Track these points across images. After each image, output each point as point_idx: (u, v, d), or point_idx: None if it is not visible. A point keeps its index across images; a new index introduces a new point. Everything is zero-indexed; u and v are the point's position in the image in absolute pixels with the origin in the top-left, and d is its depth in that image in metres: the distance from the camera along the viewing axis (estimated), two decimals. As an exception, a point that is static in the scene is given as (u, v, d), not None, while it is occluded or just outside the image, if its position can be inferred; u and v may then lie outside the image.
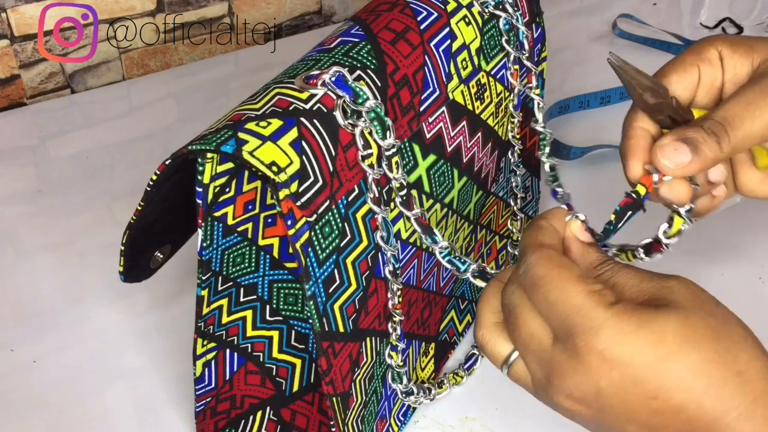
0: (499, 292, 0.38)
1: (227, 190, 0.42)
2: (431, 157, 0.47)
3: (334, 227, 0.40)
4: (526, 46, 0.53)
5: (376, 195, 0.41)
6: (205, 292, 0.44)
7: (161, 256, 0.47)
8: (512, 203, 0.60)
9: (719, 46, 0.42)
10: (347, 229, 0.41)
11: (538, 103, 0.55)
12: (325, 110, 0.40)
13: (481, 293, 0.39)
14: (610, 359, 0.32)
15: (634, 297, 0.34)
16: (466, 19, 0.50)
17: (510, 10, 0.52)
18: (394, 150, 0.41)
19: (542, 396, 0.35)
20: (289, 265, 0.46)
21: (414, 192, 0.46)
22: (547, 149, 0.56)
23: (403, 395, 0.49)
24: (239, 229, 0.44)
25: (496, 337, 0.37)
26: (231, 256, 0.44)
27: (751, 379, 0.32)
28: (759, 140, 0.39)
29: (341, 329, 0.41)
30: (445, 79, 0.47)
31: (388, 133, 0.40)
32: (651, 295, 0.34)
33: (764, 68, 0.40)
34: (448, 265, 0.42)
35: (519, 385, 0.37)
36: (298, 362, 0.49)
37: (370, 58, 0.43)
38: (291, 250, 0.43)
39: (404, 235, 0.45)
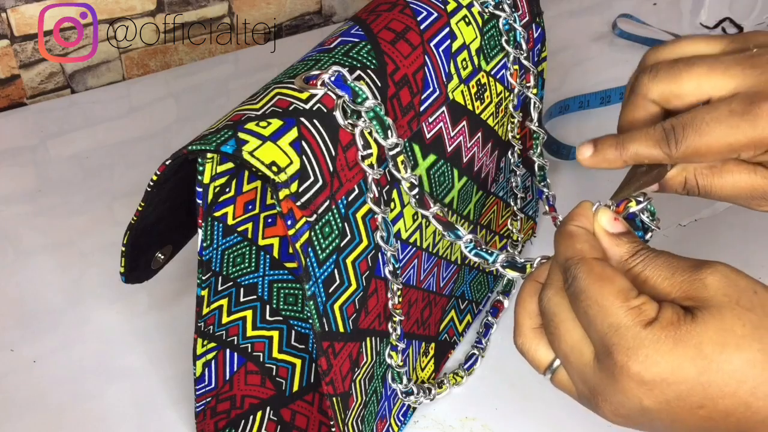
0: (536, 294, 0.36)
1: (227, 190, 0.42)
2: (431, 157, 0.47)
3: (334, 227, 0.40)
4: (524, 46, 0.53)
5: (376, 195, 0.41)
6: (205, 292, 0.44)
7: (162, 257, 0.47)
8: (512, 203, 0.60)
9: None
10: (347, 229, 0.41)
11: (534, 103, 0.55)
12: (325, 110, 0.40)
13: (517, 296, 0.37)
14: (649, 380, 0.31)
15: (665, 293, 0.33)
16: (466, 19, 0.50)
17: (508, 10, 0.52)
18: (398, 149, 0.41)
19: (588, 407, 0.35)
20: (289, 265, 0.46)
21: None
22: (539, 149, 0.56)
23: (403, 395, 0.49)
24: (239, 229, 0.44)
25: (536, 344, 0.36)
26: (231, 256, 0.44)
27: None
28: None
29: (341, 329, 0.41)
30: (445, 79, 0.47)
31: (389, 132, 0.40)
32: (683, 291, 0.33)
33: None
34: (476, 258, 0.40)
35: (563, 391, 0.36)
36: (298, 362, 0.49)
37: (370, 58, 0.43)
38: (291, 250, 0.43)
39: (404, 235, 0.45)
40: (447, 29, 0.48)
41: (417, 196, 0.41)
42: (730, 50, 0.41)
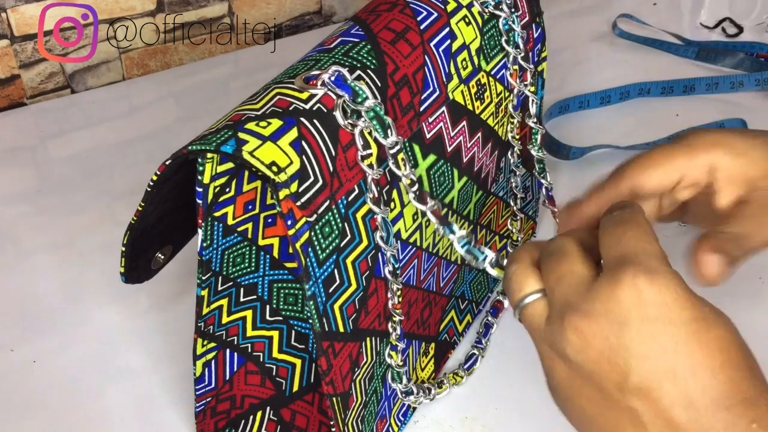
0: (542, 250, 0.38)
1: (227, 190, 0.42)
2: (431, 157, 0.47)
3: (334, 227, 0.40)
4: (521, 46, 0.53)
5: (376, 195, 0.41)
6: (205, 292, 0.44)
7: (162, 257, 0.47)
8: (512, 203, 0.60)
9: (716, 159, 0.43)
10: (347, 229, 0.41)
11: (532, 100, 0.55)
12: (325, 110, 0.40)
13: (523, 244, 0.38)
14: (651, 299, 0.32)
15: None
16: (466, 19, 0.50)
17: (508, 10, 0.52)
18: (398, 147, 0.41)
19: (552, 327, 0.34)
20: (289, 265, 0.46)
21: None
22: (538, 142, 0.56)
23: (403, 395, 0.49)
24: (239, 229, 0.44)
25: (529, 273, 0.36)
26: (231, 256, 0.44)
27: None
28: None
29: (341, 329, 0.41)
30: (445, 79, 0.48)
31: (389, 131, 0.40)
32: None
33: (759, 196, 0.43)
34: (467, 255, 0.40)
35: (527, 326, 0.36)
36: (298, 362, 0.49)
37: (370, 58, 0.43)
38: (291, 250, 0.43)
39: (404, 235, 0.45)
40: (447, 29, 0.48)
41: (417, 192, 0.42)
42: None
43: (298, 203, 0.37)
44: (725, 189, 0.43)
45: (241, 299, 0.46)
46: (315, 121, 0.39)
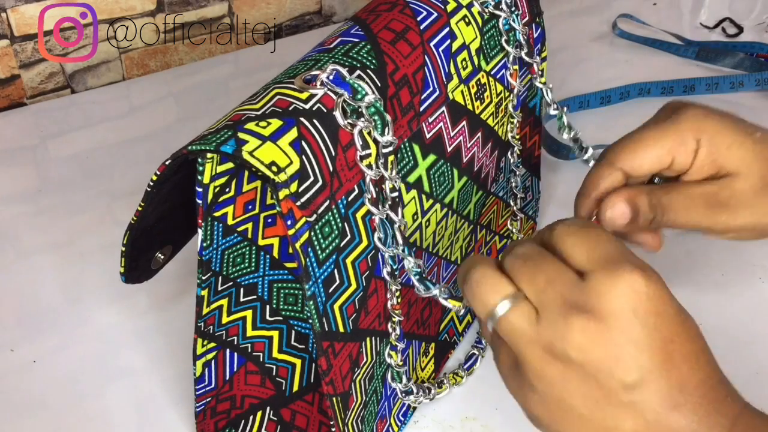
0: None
1: (227, 190, 0.42)
2: (431, 157, 0.47)
3: (334, 227, 0.40)
4: (523, 43, 0.53)
5: (374, 196, 0.41)
6: (205, 292, 0.44)
7: (162, 257, 0.47)
8: (512, 203, 0.60)
9: (701, 134, 0.44)
10: (347, 229, 0.41)
11: (546, 90, 0.55)
12: (325, 110, 0.40)
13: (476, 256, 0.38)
14: (643, 282, 0.33)
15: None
16: (466, 19, 0.50)
17: (507, 11, 0.52)
18: (391, 148, 0.41)
19: (548, 329, 0.34)
20: (289, 265, 0.46)
21: (414, 192, 0.46)
22: (565, 124, 0.54)
23: (403, 394, 0.49)
24: (239, 229, 0.44)
25: (499, 277, 0.36)
26: (231, 256, 0.44)
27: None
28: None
29: (341, 329, 0.41)
30: (445, 79, 0.48)
31: (386, 129, 0.40)
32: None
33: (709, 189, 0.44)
34: (419, 284, 0.41)
35: (509, 332, 0.35)
36: (298, 362, 0.49)
37: (369, 58, 0.43)
38: (291, 250, 0.43)
39: (404, 235, 0.45)
40: (447, 29, 0.48)
41: (395, 199, 0.42)
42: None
43: (298, 203, 0.37)
44: (693, 170, 0.45)
45: (241, 299, 0.46)
46: (315, 121, 0.39)
